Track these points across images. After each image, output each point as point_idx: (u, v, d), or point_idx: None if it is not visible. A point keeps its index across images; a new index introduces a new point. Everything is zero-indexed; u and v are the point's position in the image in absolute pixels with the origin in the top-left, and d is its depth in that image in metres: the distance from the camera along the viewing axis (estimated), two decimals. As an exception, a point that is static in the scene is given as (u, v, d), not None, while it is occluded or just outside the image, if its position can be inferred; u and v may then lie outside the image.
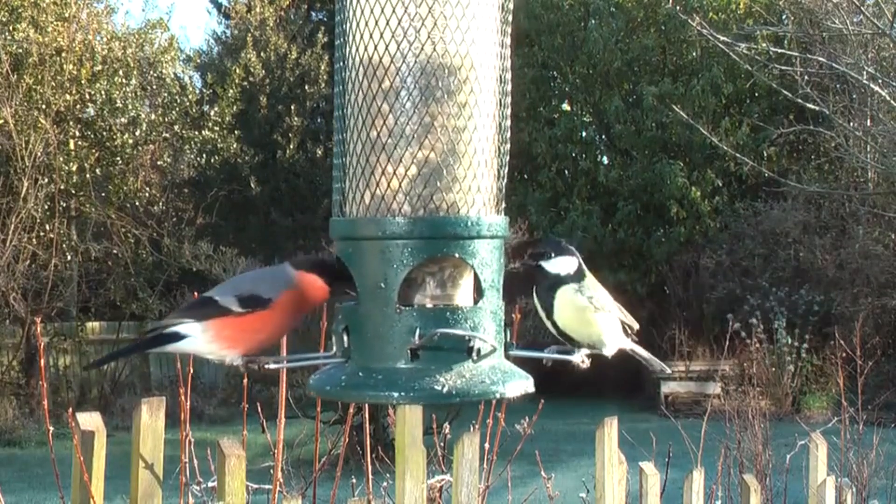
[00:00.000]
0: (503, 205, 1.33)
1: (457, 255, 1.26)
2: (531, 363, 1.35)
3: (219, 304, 1.31)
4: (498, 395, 1.24)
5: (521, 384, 1.27)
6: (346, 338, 1.28)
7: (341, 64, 1.34)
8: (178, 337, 1.30)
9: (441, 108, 1.28)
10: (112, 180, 13.79)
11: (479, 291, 1.29)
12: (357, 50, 1.30)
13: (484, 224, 1.28)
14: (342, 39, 1.34)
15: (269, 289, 1.33)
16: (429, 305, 1.28)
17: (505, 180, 1.33)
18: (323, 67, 17.03)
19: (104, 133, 13.63)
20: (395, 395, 1.22)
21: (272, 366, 1.36)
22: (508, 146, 1.35)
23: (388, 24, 1.28)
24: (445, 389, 1.21)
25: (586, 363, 1.42)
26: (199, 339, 1.30)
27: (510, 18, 1.36)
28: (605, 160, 15.84)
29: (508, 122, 1.35)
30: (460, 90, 1.29)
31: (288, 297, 1.32)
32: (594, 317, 1.41)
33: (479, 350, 1.24)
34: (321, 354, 1.34)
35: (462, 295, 1.31)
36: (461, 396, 1.22)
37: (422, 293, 1.29)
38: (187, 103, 14.77)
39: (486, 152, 1.31)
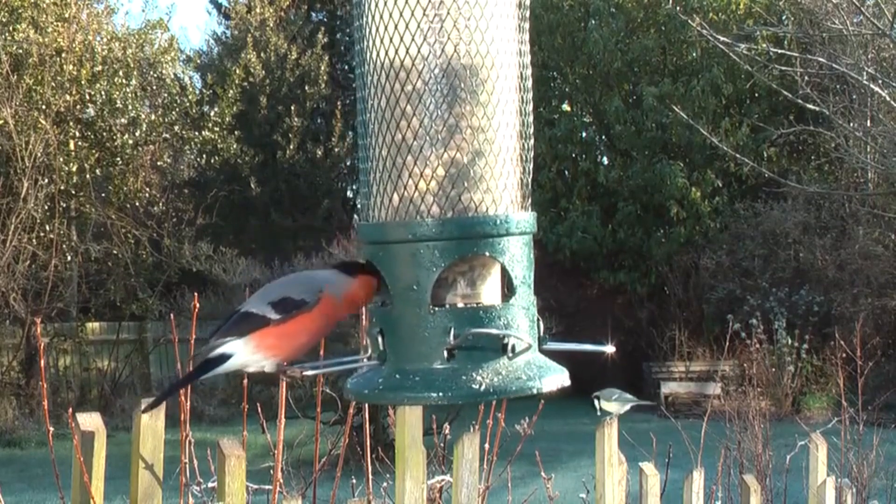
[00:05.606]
0: (529, 200, 1.33)
1: (487, 253, 1.26)
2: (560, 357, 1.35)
3: (255, 314, 1.32)
4: (535, 391, 1.24)
5: (557, 378, 1.27)
6: (381, 340, 1.27)
7: (363, 69, 1.33)
8: (224, 358, 1.31)
9: (466, 109, 1.27)
10: (112, 181, 13.79)
11: (509, 288, 1.28)
12: (378, 54, 1.30)
13: (513, 221, 1.27)
14: (362, 44, 1.33)
15: (304, 291, 1.33)
16: (460, 305, 1.28)
17: (531, 176, 1.33)
18: (323, 68, 17.04)
19: (104, 133, 13.63)
20: (434, 395, 1.22)
21: (310, 372, 1.37)
22: (532, 142, 1.35)
23: (407, 26, 1.27)
24: (483, 388, 1.21)
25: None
26: (243, 353, 1.31)
27: (527, 14, 1.36)
28: (605, 161, 15.85)
29: (531, 118, 1.35)
30: (484, 89, 1.28)
31: (329, 301, 1.32)
32: None
33: (513, 347, 1.24)
34: (357, 357, 1.34)
35: (491, 292, 1.30)
36: (499, 394, 1.22)
37: (452, 293, 1.29)
38: (187, 104, 14.77)
39: (511, 150, 1.30)
